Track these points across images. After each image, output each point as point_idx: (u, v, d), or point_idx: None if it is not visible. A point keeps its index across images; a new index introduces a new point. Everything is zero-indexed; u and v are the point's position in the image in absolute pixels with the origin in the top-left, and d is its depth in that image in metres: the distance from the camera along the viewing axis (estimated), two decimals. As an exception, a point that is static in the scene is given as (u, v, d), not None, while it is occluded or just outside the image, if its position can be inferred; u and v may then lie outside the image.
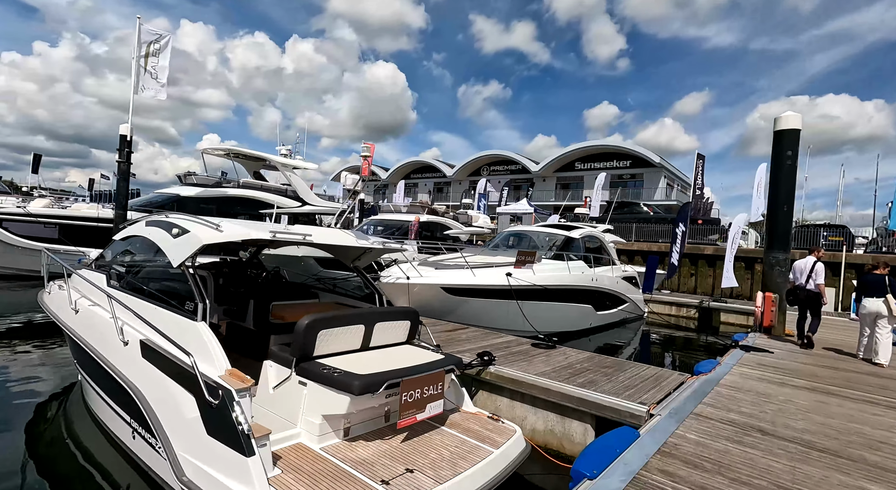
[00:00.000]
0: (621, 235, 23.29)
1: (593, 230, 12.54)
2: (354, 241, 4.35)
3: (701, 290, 19.36)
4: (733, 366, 5.75)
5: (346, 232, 4.43)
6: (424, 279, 7.72)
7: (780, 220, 8.71)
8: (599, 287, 10.95)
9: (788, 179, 8.65)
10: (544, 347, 5.86)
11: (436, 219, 15.72)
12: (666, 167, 37.37)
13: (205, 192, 16.46)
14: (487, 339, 6.08)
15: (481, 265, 9.06)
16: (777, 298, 8.48)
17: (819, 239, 18.89)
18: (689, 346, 12.06)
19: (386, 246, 4.54)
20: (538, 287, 8.58)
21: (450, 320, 8.21)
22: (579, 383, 4.36)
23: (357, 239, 4.40)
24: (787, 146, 8.64)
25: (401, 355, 3.94)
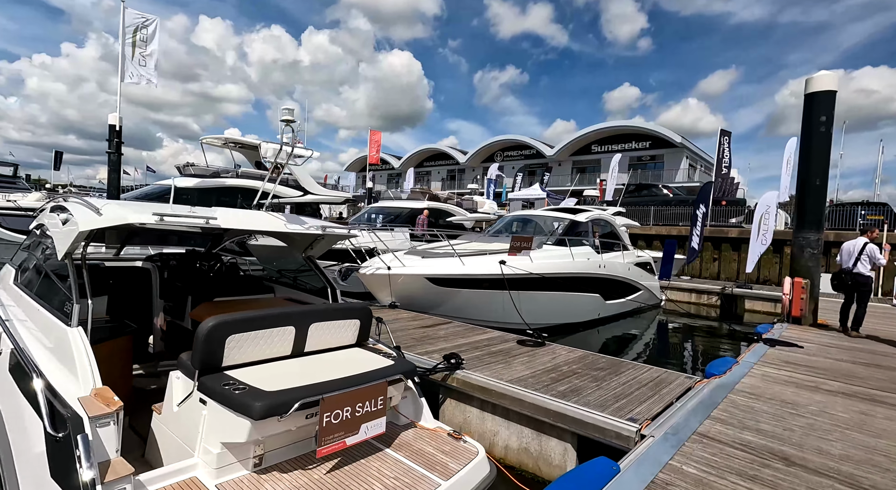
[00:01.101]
0: (639, 219, 22.13)
1: (602, 213, 11.60)
2: (282, 225, 3.63)
3: (725, 275, 18.21)
4: (754, 365, 4.90)
5: (273, 215, 3.71)
6: (408, 269, 7.02)
7: (812, 195, 7.68)
8: (608, 274, 10.07)
9: (822, 149, 7.59)
10: (531, 345, 5.10)
11: (437, 205, 14.96)
12: (688, 147, 35.67)
13: (202, 182, 16.04)
14: (468, 336, 5.36)
15: (474, 253, 8.30)
16: (807, 284, 7.49)
17: (857, 218, 17.47)
18: (710, 336, 11.10)
19: (328, 231, 3.82)
20: (535, 276, 7.79)
21: (437, 314, 7.51)
22: (560, 392, 3.60)
23: (288, 223, 3.68)
24: (821, 110, 7.56)
25: (342, 362, 3.26)
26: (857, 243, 6.84)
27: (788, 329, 7.21)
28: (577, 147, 40.76)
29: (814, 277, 7.64)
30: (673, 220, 21.51)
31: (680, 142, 34.49)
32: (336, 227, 3.92)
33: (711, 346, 9.89)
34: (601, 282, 9.93)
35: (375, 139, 27.95)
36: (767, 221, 13.30)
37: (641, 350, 8.67)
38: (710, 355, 8.54)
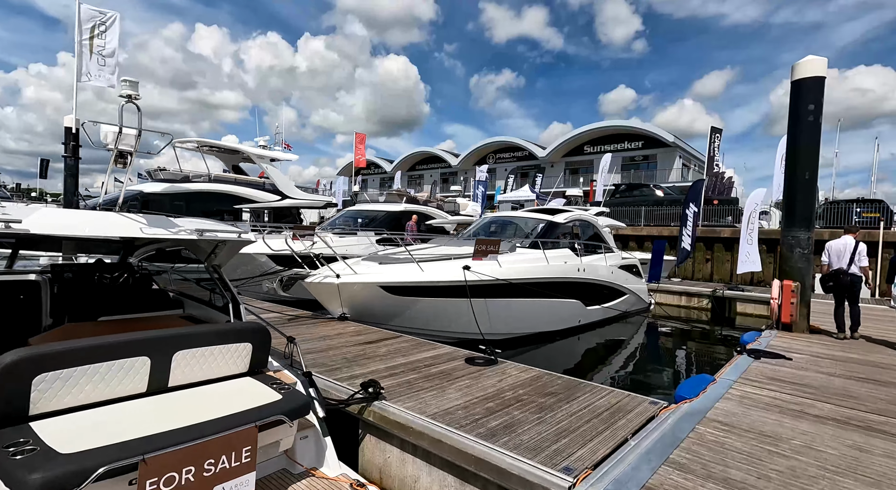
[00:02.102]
0: (630, 219, 21.55)
1: (583, 214, 11.00)
2: (133, 229, 2.92)
3: (718, 276, 17.62)
4: (733, 383, 4.27)
5: (125, 217, 2.98)
6: (359, 277, 6.38)
7: (801, 190, 7.08)
8: (588, 278, 9.45)
9: (810, 140, 7.00)
10: (480, 363, 4.47)
11: (416, 208, 14.35)
12: (681, 146, 35.17)
13: (171, 187, 15.40)
14: (412, 354, 4.73)
15: (438, 258, 7.68)
16: (798, 287, 6.88)
17: (852, 216, 16.91)
18: (699, 342, 10.48)
19: (206, 236, 3.16)
20: (502, 282, 7.16)
21: (393, 326, 6.86)
22: (490, 429, 2.97)
23: (147, 227, 2.98)
24: (809, 98, 6.97)
25: (214, 401, 2.63)
26: (848, 242, 6.60)
27: (778, 337, 6.59)
28: (569, 148, 40.25)
29: (805, 279, 7.03)
30: (665, 221, 20.92)
31: (672, 141, 33.99)
32: (223, 229, 3.27)
33: (697, 356, 9.27)
34: (581, 286, 9.31)
35: (361, 142, 27.37)
36: (755, 220, 12.75)
37: (620, 362, 8.02)
38: (692, 367, 7.93)
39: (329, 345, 4.81)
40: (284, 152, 19.68)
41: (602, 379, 6.59)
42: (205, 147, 17.27)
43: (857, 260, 6.49)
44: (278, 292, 7.19)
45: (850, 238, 6.66)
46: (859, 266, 6.50)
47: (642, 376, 7.29)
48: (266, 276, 7.71)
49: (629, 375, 7.14)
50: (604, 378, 6.76)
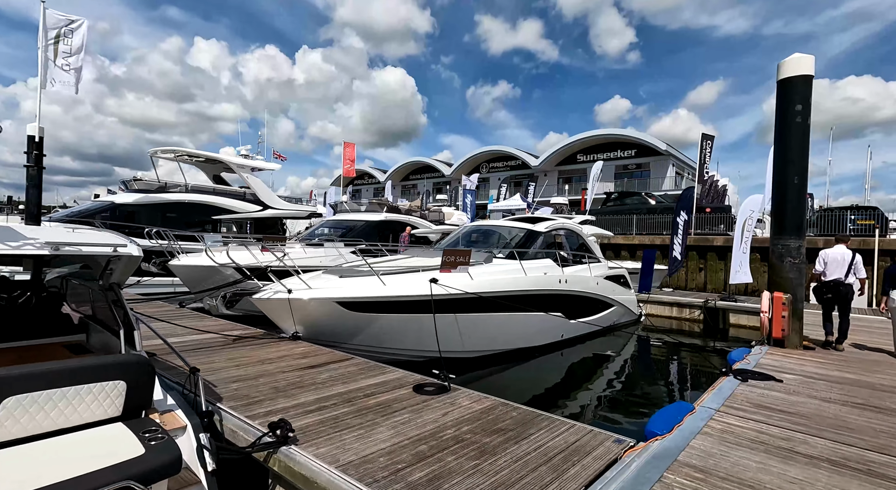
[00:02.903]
0: (622, 228, 21.13)
1: (566, 222, 10.52)
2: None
3: (711, 286, 17.16)
4: (714, 413, 3.75)
5: None
6: (313, 292, 5.86)
7: (790, 195, 6.62)
8: (571, 290, 8.95)
9: (799, 142, 6.55)
10: (430, 391, 3.94)
11: (397, 217, 13.86)
12: (674, 155, 34.92)
13: (145, 198, 14.90)
14: (355, 380, 4.19)
15: (405, 270, 7.18)
16: (789, 299, 6.39)
17: (846, 223, 16.49)
18: (689, 355, 9.95)
19: (64, 250, 2.63)
20: (473, 295, 6.65)
21: (352, 346, 6.33)
22: (409, 484, 2.44)
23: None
24: (796, 98, 6.55)
25: (55, 458, 2.11)
26: (845, 253, 6.46)
27: (769, 354, 6.08)
28: (562, 157, 40.00)
29: (797, 291, 6.54)
30: (657, 229, 20.51)
31: (665, 149, 33.74)
32: (92, 242, 2.77)
33: (685, 373, 8.73)
34: (563, 299, 8.80)
35: (349, 152, 26.94)
36: (750, 227, 12.30)
37: (600, 382, 7.43)
38: (678, 387, 7.39)
39: (263, 371, 4.27)
40: (268, 161, 19.21)
41: (575, 405, 6.03)
42: (183, 156, 16.81)
43: (854, 271, 6.41)
44: (220, 309, 6.65)
45: (846, 248, 6.52)
46: (858, 277, 6.41)
47: (623, 397, 6.74)
48: (222, 288, 7.19)
49: (607, 399, 6.57)
50: (578, 403, 6.20)
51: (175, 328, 5.69)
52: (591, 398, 6.45)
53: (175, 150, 16.07)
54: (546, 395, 6.47)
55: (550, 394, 6.53)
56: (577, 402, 6.15)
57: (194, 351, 4.89)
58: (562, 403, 5.97)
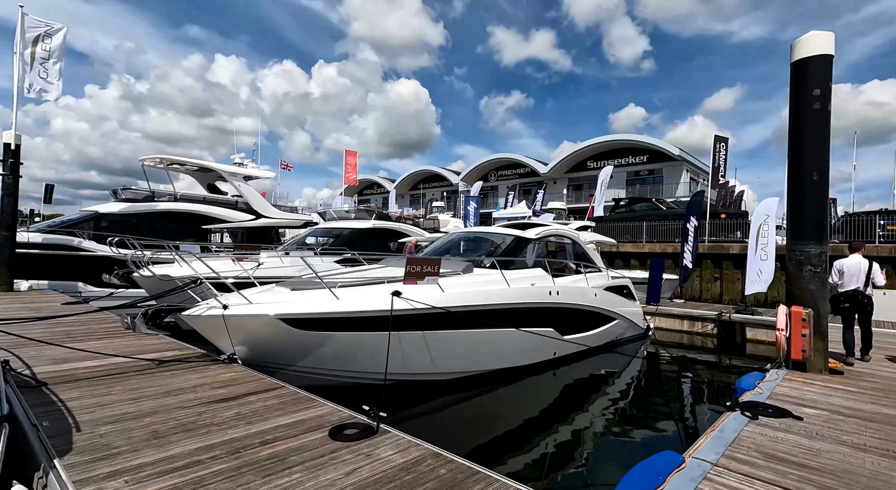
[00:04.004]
0: (631, 236, 20.12)
1: (561, 228, 9.67)
2: None
3: (728, 297, 16.04)
4: (709, 470, 2.89)
5: None
6: (253, 308, 5.13)
7: (809, 194, 5.71)
8: (564, 302, 8.08)
9: (818, 132, 5.66)
10: (348, 437, 3.15)
11: (386, 224, 13.15)
12: (687, 160, 33.74)
13: (131, 207, 14.47)
14: (269, 418, 3.42)
15: (372, 281, 6.43)
16: (810, 315, 5.45)
17: (875, 229, 15.27)
18: (700, 375, 8.96)
19: None
20: (440, 310, 5.85)
21: (302, 370, 5.59)
22: None
23: None
24: (814, 81, 5.67)
25: None
26: (862, 262, 6.21)
27: (787, 380, 5.15)
28: (572, 164, 39.07)
29: (819, 305, 5.60)
30: (669, 236, 19.46)
31: (678, 154, 32.60)
32: None
33: (692, 398, 7.75)
34: (555, 313, 7.94)
35: (351, 160, 26.49)
36: (767, 233, 11.30)
37: (590, 414, 6.45)
38: (680, 418, 6.40)
39: (160, 407, 3.53)
40: (260, 170, 18.75)
41: (547, 444, 5.11)
42: (173, 165, 16.41)
43: (872, 280, 6.17)
44: (140, 329, 5.95)
45: (861, 256, 6.28)
46: (875, 286, 6.20)
47: (609, 432, 5.76)
48: (139, 304, 6.40)
49: (588, 436, 5.54)
50: (553, 439, 5.26)
51: (88, 349, 5.02)
52: (569, 434, 5.50)
53: (164, 158, 15.65)
54: (518, 430, 5.56)
55: (524, 428, 5.65)
56: (552, 438, 5.23)
57: (99, 378, 4.19)
58: (533, 442, 5.09)
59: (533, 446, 4.92)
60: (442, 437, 5.30)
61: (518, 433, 5.41)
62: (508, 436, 5.36)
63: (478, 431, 5.54)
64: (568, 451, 4.99)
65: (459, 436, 5.42)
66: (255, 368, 5.45)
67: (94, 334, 6.03)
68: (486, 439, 5.24)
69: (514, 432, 5.44)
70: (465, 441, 5.14)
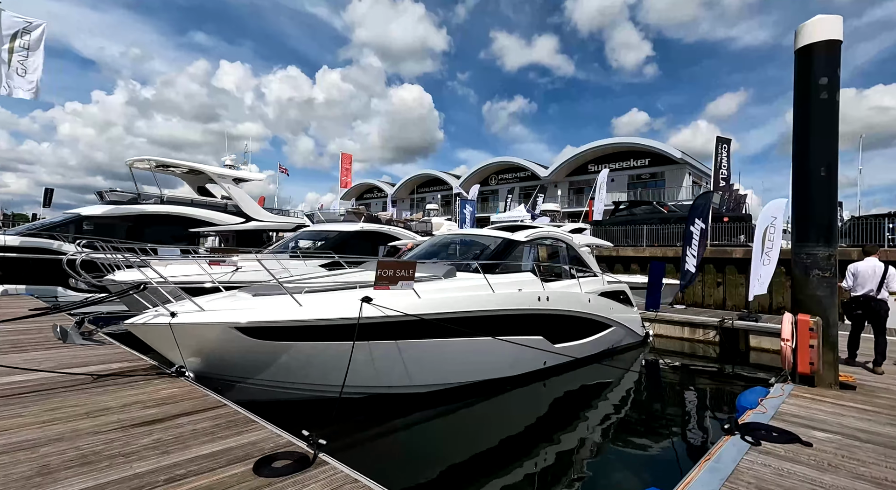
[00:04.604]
0: (631, 240, 19.62)
1: (553, 231, 9.20)
2: None
3: (731, 302, 15.52)
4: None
5: None
6: (204, 316, 4.67)
7: (815, 191, 5.22)
8: (554, 309, 7.60)
9: (826, 123, 5.18)
10: (277, 471, 2.68)
11: (374, 227, 12.70)
12: (690, 163, 33.22)
13: (115, 210, 14.09)
14: (199, 443, 2.96)
15: (344, 286, 5.97)
16: (818, 323, 4.95)
17: (884, 232, 14.71)
18: (700, 385, 8.44)
19: None
20: (413, 317, 5.38)
21: (262, 383, 5.13)
22: None
23: None
24: (821, 69, 5.20)
25: None
26: (876, 265, 5.99)
27: (794, 395, 4.64)
28: (572, 167, 38.62)
29: (828, 313, 5.10)
30: (671, 240, 18.92)
31: (680, 157, 32.11)
32: None
33: (690, 413, 7.21)
34: (544, 320, 7.46)
35: (346, 162, 26.11)
36: (773, 236, 10.78)
37: (574, 434, 5.84)
38: (676, 437, 5.84)
39: (70, 431, 3.07)
40: (250, 172, 18.39)
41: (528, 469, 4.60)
42: (161, 167, 16.05)
43: (887, 285, 5.92)
44: (74, 340, 5.48)
45: (876, 260, 6.06)
46: (890, 291, 5.95)
47: (599, 456, 5.21)
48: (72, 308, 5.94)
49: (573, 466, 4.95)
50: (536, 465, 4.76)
51: (21, 362, 4.57)
52: (551, 458, 4.93)
53: (152, 160, 15.29)
54: (492, 452, 5.05)
55: (501, 449, 5.14)
56: (530, 462, 4.69)
57: (15, 397, 3.73)
58: (508, 467, 4.59)
59: (507, 473, 4.43)
60: (405, 459, 4.82)
61: (492, 455, 4.92)
62: (481, 458, 4.86)
63: (448, 452, 5.05)
64: (546, 481, 4.49)
65: (428, 457, 4.93)
66: (208, 382, 5.01)
67: (40, 344, 5.59)
68: (457, 461, 4.75)
69: (487, 454, 4.95)
70: (433, 464, 4.66)
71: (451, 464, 4.67)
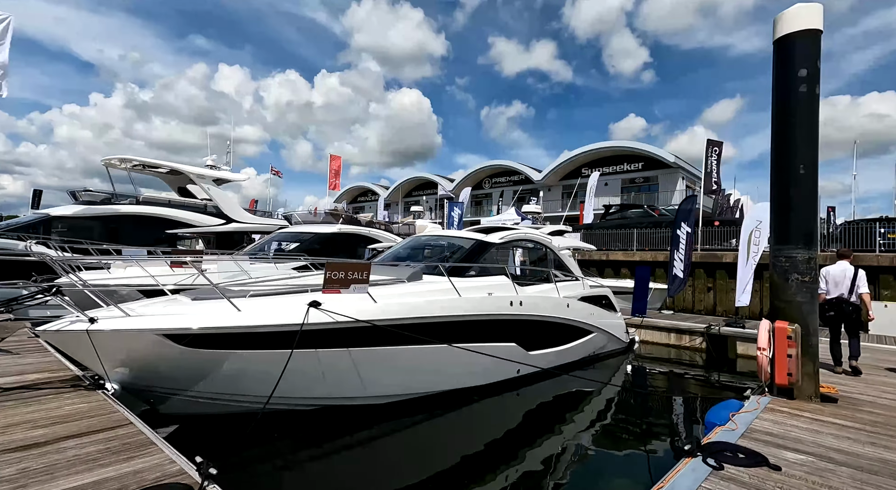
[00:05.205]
0: (622, 244, 19.30)
1: (531, 232, 8.83)
2: None
3: (722, 308, 15.20)
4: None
5: None
6: (129, 322, 4.28)
7: (795, 190, 4.88)
8: (528, 314, 7.22)
9: (805, 116, 4.85)
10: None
11: (353, 229, 12.33)
12: (683, 167, 32.97)
13: (86, 210, 13.68)
14: (72, 472, 2.56)
15: (295, 289, 5.59)
16: (797, 332, 4.60)
17: (874, 238, 14.42)
18: (685, 394, 8.06)
19: None
20: (365, 324, 5.00)
21: (193, 395, 4.74)
22: None
23: None
24: (800, 60, 4.87)
25: None
26: (847, 269, 6.14)
27: (769, 409, 4.28)
28: (566, 171, 38.31)
29: (808, 320, 4.75)
30: (662, 245, 18.60)
31: (674, 161, 31.85)
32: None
33: (671, 423, 6.83)
34: (518, 325, 7.09)
35: (335, 165, 25.74)
36: (759, 240, 10.47)
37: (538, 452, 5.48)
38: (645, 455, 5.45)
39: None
40: (231, 173, 18.00)
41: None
42: (139, 166, 15.66)
43: (857, 287, 6.03)
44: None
45: (848, 264, 6.23)
46: (858, 293, 6.05)
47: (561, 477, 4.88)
48: None
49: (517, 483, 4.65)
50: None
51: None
52: (501, 481, 4.57)
53: (127, 159, 14.90)
54: (446, 473, 4.68)
55: (457, 468, 4.77)
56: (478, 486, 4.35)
57: None
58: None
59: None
60: (343, 481, 4.41)
61: (447, 475, 4.52)
62: (434, 480, 4.47)
63: (398, 470, 4.65)
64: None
65: (376, 477, 4.53)
66: (138, 394, 4.63)
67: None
68: (409, 482, 4.36)
69: (440, 476, 4.55)
70: (378, 485, 4.27)
71: (402, 485, 4.29)
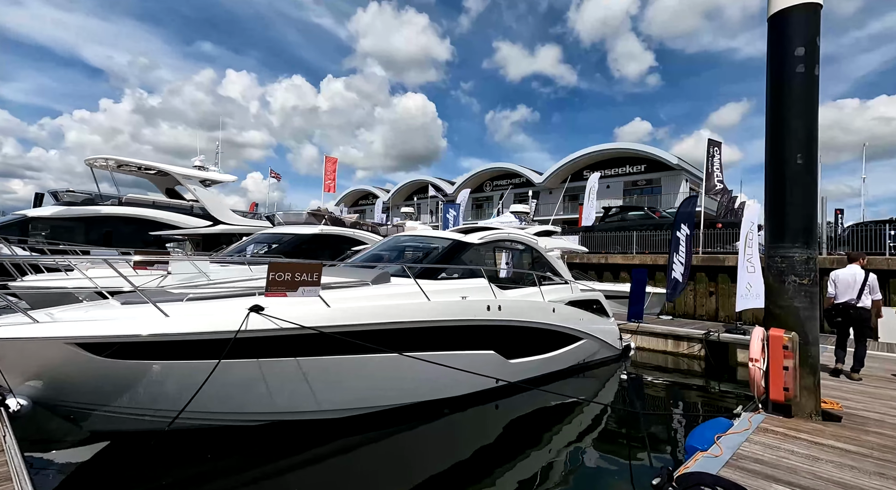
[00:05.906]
0: (622, 246, 18.74)
1: (514, 233, 8.31)
2: None
3: (724, 313, 14.57)
4: None
5: None
6: (36, 329, 3.81)
7: (791, 182, 4.35)
8: (508, 320, 6.71)
9: (802, 101, 4.33)
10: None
11: (336, 230, 11.87)
12: (686, 170, 32.36)
13: (66, 211, 13.34)
14: None
15: (244, 292, 5.11)
16: (795, 341, 4.06)
17: (885, 240, 13.77)
18: (680, 405, 7.49)
19: None
20: (311, 330, 4.52)
21: (116, 411, 4.26)
22: None
23: None
24: (797, 38, 4.36)
25: None
26: (857, 273, 5.89)
27: (761, 430, 3.74)
28: (567, 173, 37.77)
29: (807, 328, 4.21)
30: (662, 248, 18.01)
31: (677, 163, 31.25)
32: None
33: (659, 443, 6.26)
34: (497, 332, 6.58)
35: (331, 166, 25.34)
36: (752, 242, 9.93)
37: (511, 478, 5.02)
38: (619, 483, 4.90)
39: None
40: (220, 173, 17.63)
41: None
42: (122, 166, 15.32)
43: (867, 292, 5.80)
44: None
45: (858, 267, 5.95)
46: (872, 299, 5.85)
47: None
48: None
49: None
50: None
51: None
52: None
53: (111, 159, 14.57)
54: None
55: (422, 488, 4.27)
56: None
57: None
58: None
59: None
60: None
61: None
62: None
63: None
64: None
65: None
66: (55, 410, 4.17)
67: None
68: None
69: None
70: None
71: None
